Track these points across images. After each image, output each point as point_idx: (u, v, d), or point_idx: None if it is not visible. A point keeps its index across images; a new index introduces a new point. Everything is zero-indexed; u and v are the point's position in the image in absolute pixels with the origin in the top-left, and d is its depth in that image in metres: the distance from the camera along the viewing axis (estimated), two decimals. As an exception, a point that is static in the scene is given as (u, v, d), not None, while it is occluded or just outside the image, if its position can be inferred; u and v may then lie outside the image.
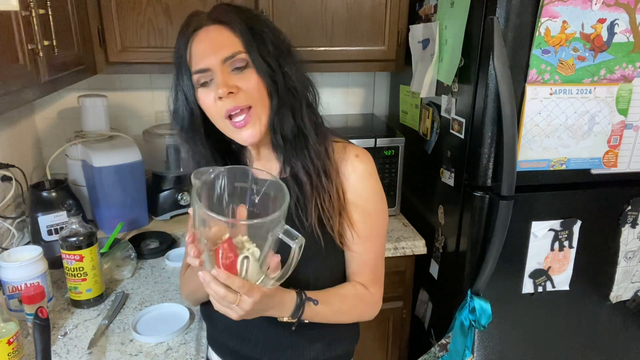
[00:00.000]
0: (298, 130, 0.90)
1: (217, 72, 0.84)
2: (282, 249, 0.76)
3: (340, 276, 1.00)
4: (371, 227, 0.96)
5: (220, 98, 0.84)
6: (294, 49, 0.91)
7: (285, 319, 0.88)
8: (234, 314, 0.78)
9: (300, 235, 0.74)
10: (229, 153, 1.00)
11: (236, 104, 0.84)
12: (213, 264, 0.74)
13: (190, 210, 0.77)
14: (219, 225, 0.74)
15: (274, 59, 0.87)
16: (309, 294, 0.90)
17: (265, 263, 0.77)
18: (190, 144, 0.94)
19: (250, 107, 0.86)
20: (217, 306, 0.78)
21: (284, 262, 0.76)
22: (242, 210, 0.81)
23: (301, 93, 0.90)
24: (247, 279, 0.75)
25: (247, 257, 0.73)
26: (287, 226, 0.74)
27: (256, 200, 0.84)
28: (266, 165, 0.97)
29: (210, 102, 0.86)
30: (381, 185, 0.98)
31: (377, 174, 0.98)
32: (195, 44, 0.86)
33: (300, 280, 0.90)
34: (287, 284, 0.82)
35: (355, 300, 0.97)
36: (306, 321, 0.90)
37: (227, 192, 0.82)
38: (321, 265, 0.95)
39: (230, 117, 0.86)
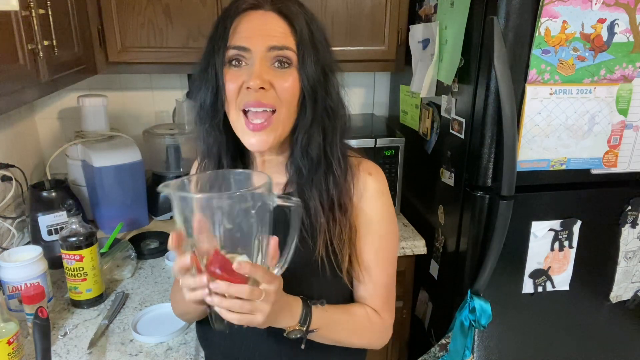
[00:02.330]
0: (324, 154, 0.84)
1: (257, 59, 0.77)
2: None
3: (347, 302, 0.93)
4: (382, 251, 0.91)
5: (248, 88, 0.77)
6: (338, 65, 0.85)
7: (294, 330, 0.79)
8: (260, 315, 0.69)
9: (294, 198, 0.69)
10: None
11: (261, 100, 0.77)
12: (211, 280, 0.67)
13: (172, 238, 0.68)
14: (206, 234, 0.67)
15: (321, 71, 0.81)
16: (315, 301, 0.83)
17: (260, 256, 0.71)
18: (206, 126, 0.85)
19: (274, 111, 0.79)
20: (236, 317, 0.68)
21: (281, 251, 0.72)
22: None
23: (337, 116, 0.85)
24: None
25: (243, 257, 0.69)
26: (276, 194, 0.69)
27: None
28: (269, 172, 0.90)
29: (234, 87, 0.78)
30: (393, 205, 0.93)
31: (389, 193, 0.92)
32: (245, 20, 0.79)
33: None
34: None
35: (364, 320, 0.90)
36: (314, 330, 0.81)
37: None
38: (326, 292, 0.87)
39: (245, 112, 0.79)
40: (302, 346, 0.81)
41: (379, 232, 0.90)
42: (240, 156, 0.92)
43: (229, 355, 0.93)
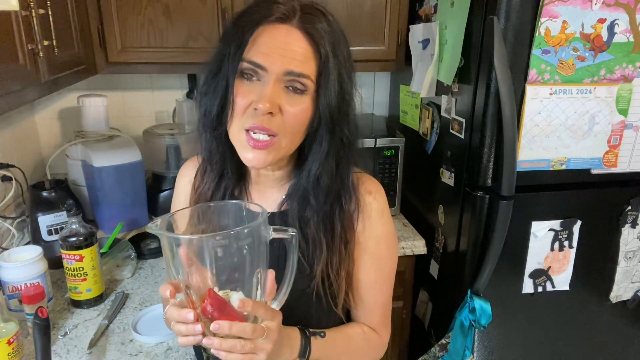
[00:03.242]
0: (334, 184, 0.81)
1: (271, 80, 0.72)
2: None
3: (342, 324, 0.92)
4: (380, 271, 0.89)
5: (255, 109, 0.72)
6: (356, 90, 0.81)
7: None
8: (263, 354, 0.66)
9: (290, 229, 0.66)
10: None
11: (264, 125, 0.72)
12: (208, 324, 0.64)
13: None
14: (199, 274, 0.64)
15: (342, 98, 0.76)
16: (313, 331, 0.82)
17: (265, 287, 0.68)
18: (207, 135, 0.81)
19: (275, 135, 0.74)
20: (237, 358, 0.65)
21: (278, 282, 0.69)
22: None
23: (353, 147, 0.81)
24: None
25: (239, 294, 0.65)
26: (272, 227, 0.66)
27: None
28: (264, 192, 0.88)
29: (243, 104, 0.74)
30: (393, 224, 0.91)
31: (389, 211, 0.89)
32: (267, 33, 0.73)
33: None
34: None
35: (362, 341, 0.90)
36: None
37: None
38: (323, 319, 0.87)
39: (248, 130, 0.75)
40: None
41: (378, 252, 0.88)
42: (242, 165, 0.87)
43: None
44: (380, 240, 0.88)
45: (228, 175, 0.86)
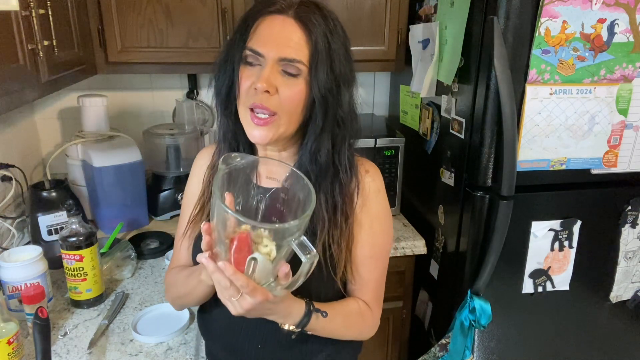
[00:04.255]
0: (332, 161, 0.88)
1: (268, 65, 0.81)
2: (295, 260, 0.73)
3: (340, 295, 0.97)
4: (377, 247, 0.95)
5: (255, 89, 0.81)
6: (355, 76, 0.88)
7: (287, 327, 0.85)
8: (232, 309, 0.75)
9: (314, 251, 0.71)
10: None
11: (264, 103, 0.81)
12: (225, 253, 0.72)
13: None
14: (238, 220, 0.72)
15: (334, 83, 0.83)
16: (317, 305, 0.87)
17: (276, 269, 0.74)
18: (221, 113, 0.92)
19: (275, 114, 0.83)
20: (219, 294, 0.76)
21: (294, 271, 0.74)
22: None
23: (347, 126, 0.88)
24: (253, 279, 0.72)
25: (254, 258, 0.71)
26: (304, 238, 0.71)
27: (285, 198, 0.82)
28: (270, 170, 0.93)
29: (246, 86, 0.83)
30: (388, 203, 0.96)
31: (385, 190, 0.96)
32: (266, 24, 0.83)
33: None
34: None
35: (357, 317, 0.95)
36: (308, 332, 0.87)
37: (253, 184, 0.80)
38: (322, 290, 0.92)
39: (252, 109, 0.84)
40: (293, 336, 0.86)
41: (374, 229, 0.93)
42: (252, 146, 0.95)
43: (228, 344, 0.97)
44: (375, 217, 0.94)
45: (241, 152, 0.93)
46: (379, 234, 0.94)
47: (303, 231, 0.72)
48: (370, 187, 0.93)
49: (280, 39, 0.81)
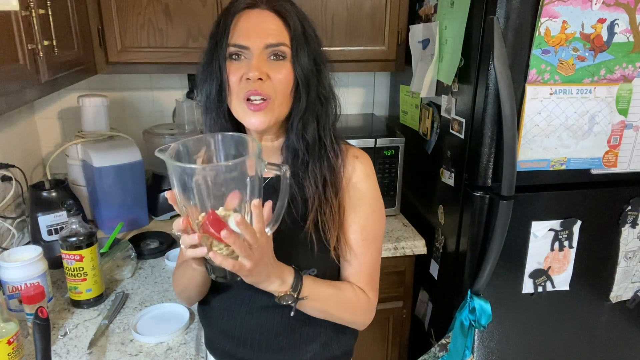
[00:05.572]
0: (319, 137, 0.92)
1: (255, 55, 0.85)
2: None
3: (336, 275, 0.99)
4: (368, 230, 0.96)
5: (247, 79, 0.85)
6: (330, 63, 0.94)
7: (285, 295, 0.84)
8: (247, 262, 0.74)
9: (285, 165, 0.77)
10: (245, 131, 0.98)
11: (257, 89, 0.85)
12: (209, 238, 0.73)
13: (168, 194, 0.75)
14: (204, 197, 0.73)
15: (314, 63, 0.89)
16: (305, 271, 0.90)
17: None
18: (212, 115, 0.94)
19: (269, 97, 0.87)
20: (228, 263, 0.73)
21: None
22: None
23: (329, 104, 0.93)
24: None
25: (234, 220, 0.72)
26: (265, 162, 0.75)
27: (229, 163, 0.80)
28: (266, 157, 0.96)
29: (236, 79, 0.87)
30: (379, 188, 0.99)
31: (375, 175, 0.98)
32: (243, 18, 0.87)
33: None
34: None
35: (352, 295, 0.95)
36: (304, 297, 0.86)
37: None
38: (315, 267, 0.94)
39: (248, 99, 0.87)
40: (292, 313, 0.86)
41: (365, 211, 0.96)
42: None
43: (226, 331, 0.99)
44: (367, 200, 0.96)
45: None
46: (369, 216, 0.96)
47: (263, 160, 0.74)
48: (360, 169, 0.96)
49: (261, 29, 0.86)
